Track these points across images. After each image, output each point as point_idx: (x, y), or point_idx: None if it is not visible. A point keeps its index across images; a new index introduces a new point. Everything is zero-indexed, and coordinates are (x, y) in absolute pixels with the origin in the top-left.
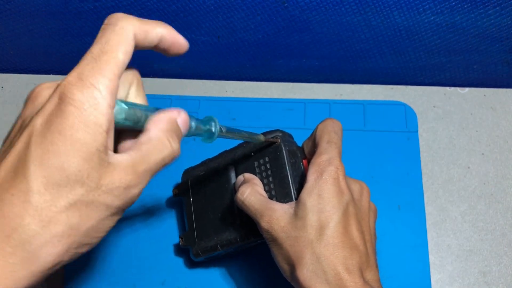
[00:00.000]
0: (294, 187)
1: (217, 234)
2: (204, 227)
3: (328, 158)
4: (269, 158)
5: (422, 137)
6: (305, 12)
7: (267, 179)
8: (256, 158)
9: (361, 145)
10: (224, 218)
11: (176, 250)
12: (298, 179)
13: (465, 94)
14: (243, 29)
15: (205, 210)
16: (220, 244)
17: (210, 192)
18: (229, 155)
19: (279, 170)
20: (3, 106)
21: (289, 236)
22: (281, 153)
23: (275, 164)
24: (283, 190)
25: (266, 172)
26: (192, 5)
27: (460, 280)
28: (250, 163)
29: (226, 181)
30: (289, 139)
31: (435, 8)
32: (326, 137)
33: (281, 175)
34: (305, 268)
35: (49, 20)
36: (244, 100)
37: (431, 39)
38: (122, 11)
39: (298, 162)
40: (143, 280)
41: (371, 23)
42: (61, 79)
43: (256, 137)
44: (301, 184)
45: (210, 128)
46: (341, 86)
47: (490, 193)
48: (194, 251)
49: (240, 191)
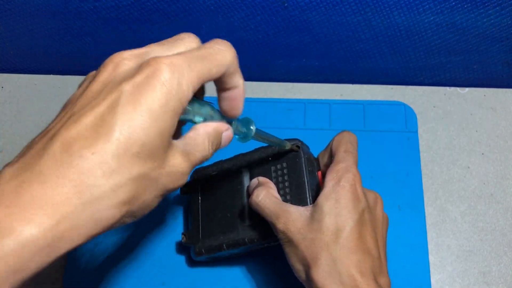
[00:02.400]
0: (310, 194)
1: (223, 234)
2: (210, 226)
3: (346, 166)
4: (287, 164)
5: (422, 137)
6: (305, 12)
7: (283, 184)
8: (274, 163)
9: (361, 145)
10: (233, 219)
11: (177, 250)
12: (313, 187)
13: (465, 94)
14: (243, 29)
15: (213, 209)
16: (226, 244)
17: (221, 192)
18: (244, 158)
19: (297, 176)
20: (3, 106)
21: (305, 238)
22: (300, 160)
23: (293, 170)
24: (299, 196)
25: (282, 177)
26: (192, 5)
27: (460, 281)
28: (267, 167)
29: (239, 182)
30: (307, 150)
31: (435, 8)
32: (343, 147)
33: (298, 181)
34: (321, 268)
35: (49, 20)
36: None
37: (431, 39)
38: (122, 11)
39: (314, 171)
40: (143, 281)
41: (371, 23)
42: (139, 52)
43: (282, 143)
44: (316, 192)
45: (248, 130)
46: (341, 86)
47: (490, 193)
48: (196, 249)
49: (255, 194)
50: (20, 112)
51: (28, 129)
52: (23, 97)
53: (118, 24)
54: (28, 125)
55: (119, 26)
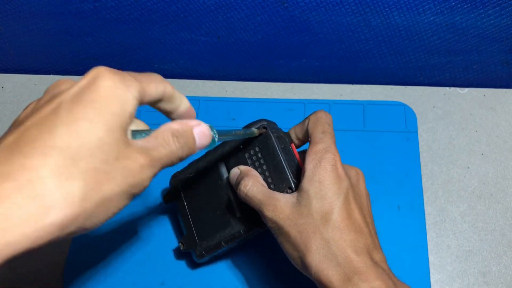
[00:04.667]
0: (290, 171)
1: (218, 232)
2: (203, 227)
3: (325, 147)
4: (259, 147)
5: (422, 137)
6: (305, 12)
7: (261, 168)
8: (246, 150)
9: (360, 145)
10: (223, 214)
11: (176, 250)
12: (291, 163)
13: (465, 94)
14: (243, 29)
15: (201, 210)
16: (224, 240)
17: (203, 191)
18: (217, 152)
19: (272, 157)
20: (3, 106)
21: (296, 223)
22: (270, 141)
23: (266, 152)
24: (279, 176)
25: (258, 161)
26: (192, 5)
27: (459, 281)
28: (241, 155)
29: (218, 178)
30: (275, 126)
31: (435, 9)
32: (320, 127)
33: (274, 162)
34: (315, 253)
35: (49, 20)
36: (244, 101)
37: (431, 40)
38: (123, 11)
39: (288, 147)
40: (143, 281)
41: (371, 24)
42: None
43: (249, 132)
44: (295, 168)
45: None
46: (341, 86)
47: (489, 194)
48: (197, 252)
49: (242, 184)
50: (20, 112)
51: None
52: (23, 97)
53: (118, 24)
54: None
55: (119, 26)
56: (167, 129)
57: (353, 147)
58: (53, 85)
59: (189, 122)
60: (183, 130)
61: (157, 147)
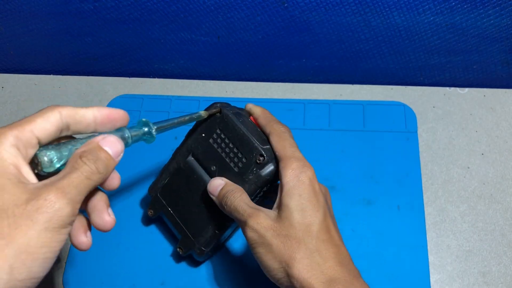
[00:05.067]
0: (255, 139)
1: (210, 222)
2: (194, 224)
3: (302, 163)
4: (220, 129)
5: (421, 138)
6: (305, 12)
7: (229, 148)
8: (209, 136)
9: (360, 145)
10: (209, 205)
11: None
12: (255, 133)
13: (465, 94)
14: (243, 29)
15: (187, 209)
16: (217, 228)
17: (183, 190)
18: (182, 149)
19: (235, 133)
20: (3, 106)
21: (279, 234)
22: (228, 118)
23: (228, 130)
24: (247, 148)
25: (224, 142)
26: (192, 5)
27: (459, 281)
28: (206, 144)
29: (192, 172)
30: (228, 106)
31: (435, 9)
32: (287, 142)
33: (238, 136)
34: (300, 263)
35: (49, 20)
36: (244, 101)
37: (431, 40)
38: (122, 11)
39: (247, 120)
40: (143, 280)
41: (371, 24)
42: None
43: (196, 115)
44: (260, 136)
45: (145, 129)
46: (340, 87)
47: (489, 194)
48: (197, 250)
49: (231, 197)
50: (20, 112)
51: None
52: (23, 97)
53: (118, 24)
54: None
55: (119, 26)
56: (74, 154)
57: (353, 147)
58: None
59: (93, 139)
60: (88, 148)
61: (68, 174)
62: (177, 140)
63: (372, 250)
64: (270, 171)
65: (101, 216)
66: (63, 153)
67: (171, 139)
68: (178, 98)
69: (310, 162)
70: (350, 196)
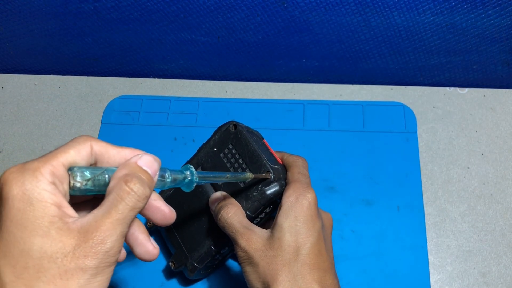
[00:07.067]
0: (265, 157)
1: (208, 238)
2: (191, 239)
3: (303, 186)
4: (232, 144)
5: (421, 138)
6: (305, 12)
7: (237, 163)
8: (220, 150)
9: (360, 146)
10: (211, 220)
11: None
12: (266, 153)
13: (465, 94)
14: (243, 29)
15: (186, 223)
16: (214, 244)
17: (186, 204)
18: (193, 162)
19: (246, 149)
20: (3, 106)
21: (266, 255)
22: (241, 134)
23: (240, 146)
24: (256, 164)
25: (234, 157)
26: (192, 5)
27: (459, 281)
28: (216, 158)
29: (199, 186)
30: (244, 125)
31: (435, 9)
32: (297, 169)
33: (249, 153)
34: (282, 285)
35: (49, 20)
36: (243, 101)
37: (431, 40)
38: (122, 11)
39: (260, 140)
40: (142, 281)
41: (371, 24)
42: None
43: (242, 176)
44: (271, 157)
45: (187, 176)
46: (340, 87)
47: (489, 194)
48: (189, 266)
49: (225, 210)
50: (20, 112)
51: (28, 129)
52: (23, 97)
53: (118, 24)
54: (28, 125)
55: (119, 26)
56: (116, 180)
57: (352, 147)
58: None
59: (129, 160)
60: (130, 171)
61: (112, 207)
62: (176, 141)
63: (372, 250)
64: (275, 190)
65: (146, 248)
66: (96, 172)
67: (171, 140)
68: (177, 99)
69: (310, 162)
70: (350, 197)
